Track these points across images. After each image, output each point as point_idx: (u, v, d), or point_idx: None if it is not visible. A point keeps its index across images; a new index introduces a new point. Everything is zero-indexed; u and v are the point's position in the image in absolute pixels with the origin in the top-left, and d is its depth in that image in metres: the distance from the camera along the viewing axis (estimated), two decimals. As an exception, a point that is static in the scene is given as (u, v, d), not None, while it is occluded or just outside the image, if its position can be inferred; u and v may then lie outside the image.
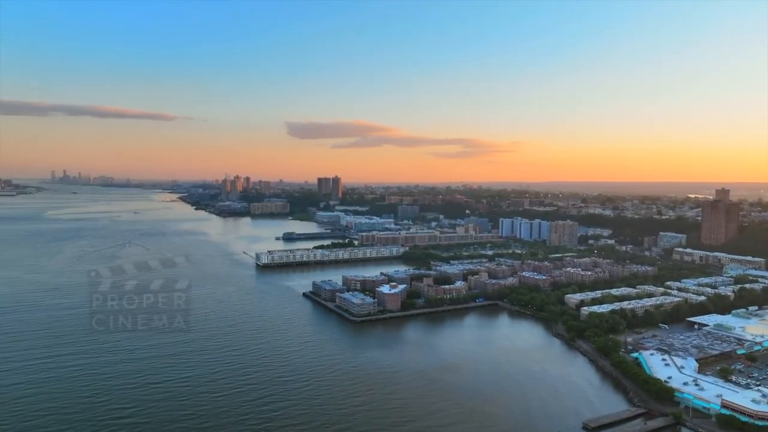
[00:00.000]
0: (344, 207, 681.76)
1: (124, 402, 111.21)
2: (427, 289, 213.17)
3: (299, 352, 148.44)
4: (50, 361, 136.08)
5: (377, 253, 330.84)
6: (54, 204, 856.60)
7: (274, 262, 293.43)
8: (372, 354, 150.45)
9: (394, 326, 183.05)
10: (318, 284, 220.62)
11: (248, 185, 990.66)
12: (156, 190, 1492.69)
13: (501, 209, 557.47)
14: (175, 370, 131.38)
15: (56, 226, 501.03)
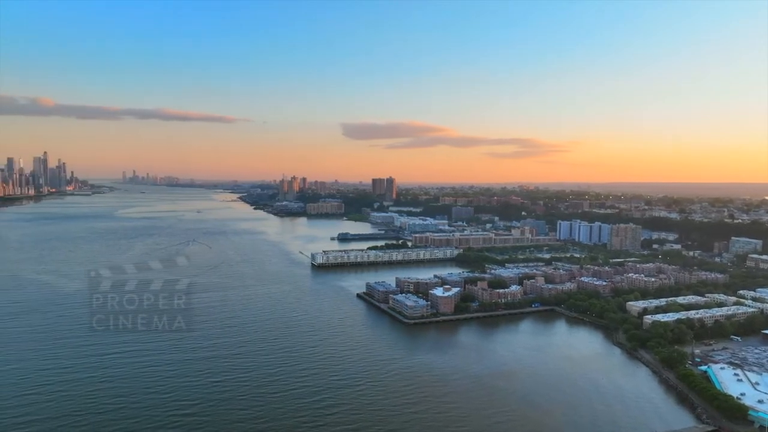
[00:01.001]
0: (398, 208, 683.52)
1: (187, 398, 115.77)
2: (481, 292, 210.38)
3: (353, 354, 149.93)
4: (119, 355, 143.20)
5: (431, 254, 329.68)
6: (124, 203, 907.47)
7: (328, 262, 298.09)
8: (425, 357, 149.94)
9: (447, 330, 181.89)
10: (371, 285, 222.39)
11: (305, 185, 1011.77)
12: (217, 190, 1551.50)
13: (559, 211, 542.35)
14: (235, 368, 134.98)
15: (126, 224, 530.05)
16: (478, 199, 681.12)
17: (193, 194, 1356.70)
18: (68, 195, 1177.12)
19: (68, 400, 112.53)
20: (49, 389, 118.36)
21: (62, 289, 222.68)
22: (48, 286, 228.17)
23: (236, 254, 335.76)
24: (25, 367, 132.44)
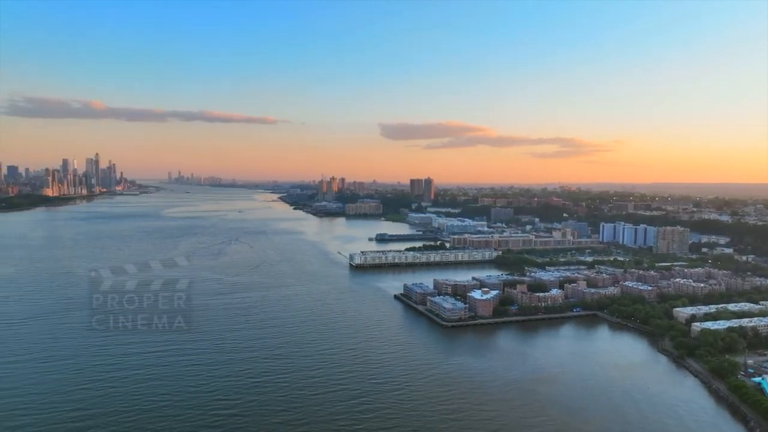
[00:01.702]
0: (436, 208, 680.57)
1: (229, 397, 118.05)
2: (521, 296, 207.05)
3: (391, 356, 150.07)
4: (163, 354, 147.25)
5: (469, 256, 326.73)
6: (170, 203, 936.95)
7: (366, 262, 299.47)
8: (463, 361, 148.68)
9: (485, 333, 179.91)
10: (409, 287, 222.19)
11: (343, 186, 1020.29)
12: (258, 190, 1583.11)
13: (602, 213, 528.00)
14: (275, 369, 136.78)
15: (172, 223, 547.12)
16: (518, 200, 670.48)
17: (235, 194, 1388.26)
18: (118, 195, 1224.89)
19: (117, 396, 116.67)
20: (100, 384, 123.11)
21: (111, 286, 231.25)
22: (98, 283, 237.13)
23: (276, 254, 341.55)
24: (80, 361, 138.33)
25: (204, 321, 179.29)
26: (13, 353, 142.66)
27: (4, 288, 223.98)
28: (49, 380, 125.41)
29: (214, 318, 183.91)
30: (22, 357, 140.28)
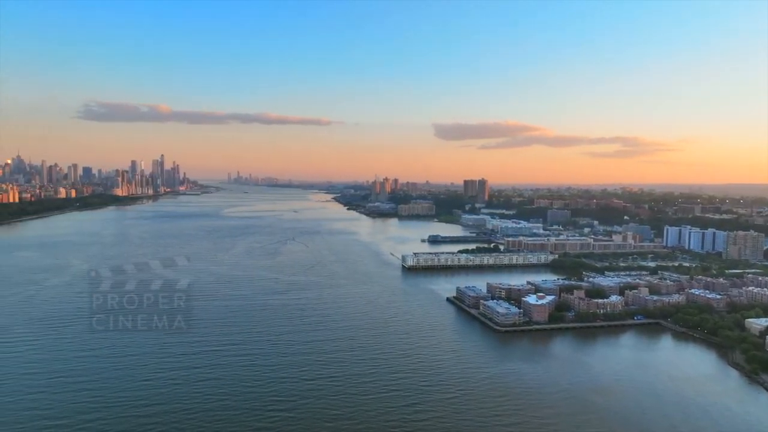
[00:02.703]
0: (490, 210, 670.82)
1: (285, 397, 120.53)
2: (578, 302, 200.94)
3: (443, 360, 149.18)
4: (220, 351, 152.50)
5: (524, 259, 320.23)
6: (229, 202, 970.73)
7: (419, 264, 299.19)
8: (517, 367, 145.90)
9: (540, 339, 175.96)
10: (462, 290, 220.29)
11: (396, 186, 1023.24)
12: (313, 191, 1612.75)
13: (666, 215, 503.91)
14: (329, 369, 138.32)
15: (230, 223, 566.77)
16: (576, 202, 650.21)
17: (291, 194, 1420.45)
18: (181, 194, 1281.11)
19: (179, 394, 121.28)
20: (163, 381, 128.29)
21: (174, 283, 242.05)
22: (162, 280, 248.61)
23: (330, 254, 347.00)
24: (143, 357, 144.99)
25: (261, 320, 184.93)
26: (85, 347, 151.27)
27: (80, 284, 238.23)
28: (116, 376, 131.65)
29: (270, 317, 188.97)
30: (93, 352, 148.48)
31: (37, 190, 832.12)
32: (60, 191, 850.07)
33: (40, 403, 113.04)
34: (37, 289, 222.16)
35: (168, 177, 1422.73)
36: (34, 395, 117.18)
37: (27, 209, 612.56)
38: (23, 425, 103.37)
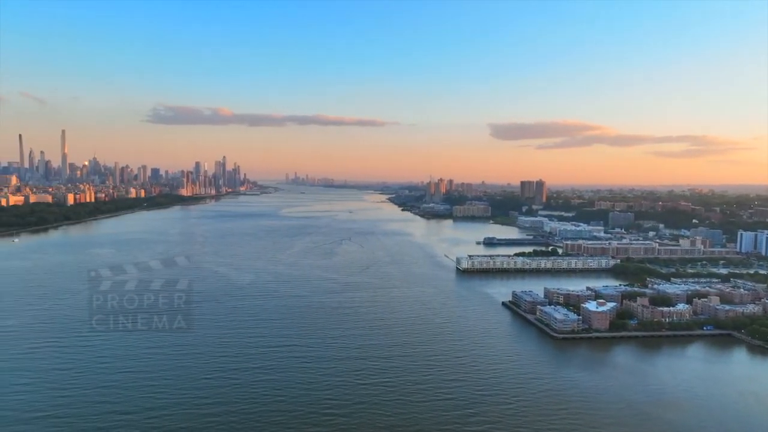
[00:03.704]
0: (548, 212, 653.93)
1: (339, 398, 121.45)
2: (641, 309, 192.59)
3: (498, 365, 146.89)
4: (278, 348, 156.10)
5: (583, 264, 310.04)
6: (286, 202, 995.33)
7: (474, 267, 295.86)
8: (575, 376, 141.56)
9: (600, 347, 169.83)
10: (518, 294, 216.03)
11: (451, 187, 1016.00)
12: (368, 191, 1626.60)
13: (740, 219, 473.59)
14: (383, 372, 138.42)
15: (288, 222, 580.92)
16: (640, 204, 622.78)
17: (346, 195, 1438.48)
18: (241, 195, 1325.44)
19: (237, 387, 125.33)
20: (223, 375, 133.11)
21: (236, 281, 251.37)
22: (224, 278, 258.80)
23: (385, 255, 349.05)
24: (204, 351, 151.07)
25: (316, 320, 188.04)
26: (151, 344, 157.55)
27: (148, 280, 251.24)
28: (179, 367, 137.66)
29: (325, 318, 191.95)
30: (159, 345, 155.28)
31: (111, 191, 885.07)
32: (131, 191, 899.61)
33: (111, 397, 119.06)
34: (109, 285, 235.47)
35: (229, 177, 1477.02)
36: (106, 389, 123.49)
37: (101, 208, 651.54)
38: (96, 417, 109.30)
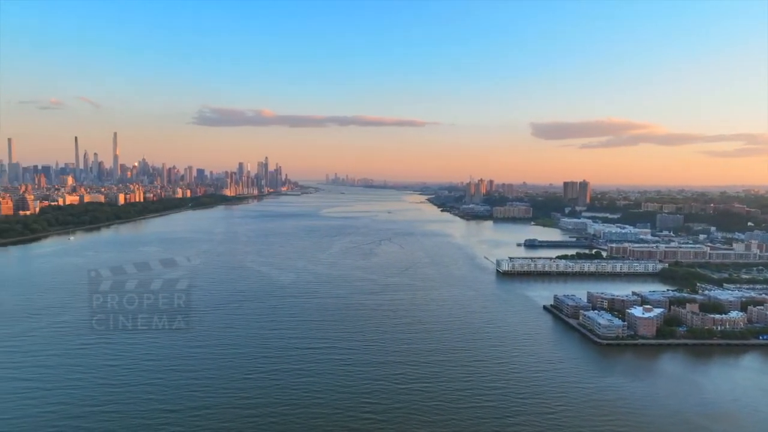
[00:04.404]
0: (592, 213, 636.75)
1: (378, 401, 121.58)
2: (691, 316, 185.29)
3: (540, 371, 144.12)
4: (318, 347, 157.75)
5: (629, 268, 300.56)
6: (326, 203, 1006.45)
7: (514, 269, 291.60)
8: (620, 383, 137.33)
9: (646, 355, 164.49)
10: (560, 298, 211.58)
11: (491, 188, 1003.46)
12: (407, 191, 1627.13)
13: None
14: (423, 377, 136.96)
15: (328, 223, 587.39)
16: (690, 206, 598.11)
17: (386, 195, 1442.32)
18: (282, 195, 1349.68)
19: (278, 388, 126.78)
20: (264, 376, 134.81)
21: (277, 281, 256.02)
22: (266, 278, 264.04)
23: (424, 256, 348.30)
24: (248, 351, 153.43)
25: (355, 320, 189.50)
26: (198, 339, 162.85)
27: (194, 278, 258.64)
28: (224, 367, 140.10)
29: (364, 318, 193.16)
30: (204, 343, 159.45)
31: (159, 191, 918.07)
32: (177, 191, 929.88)
33: (157, 394, 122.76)
34: (160, 284, 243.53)
35: (271, 178, 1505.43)
36: (152, 386, 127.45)
37: (150, 208, 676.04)
38: (143, 413, 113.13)
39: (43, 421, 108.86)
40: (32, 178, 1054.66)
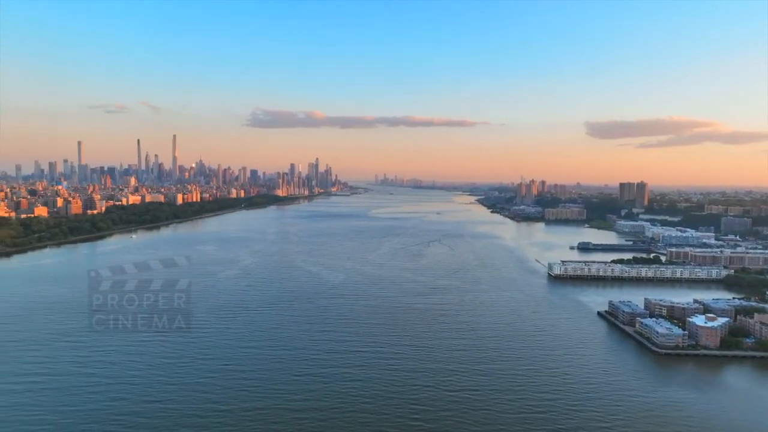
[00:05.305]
0: (650, 216, 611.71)
1: (426, 406, 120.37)
2: (760, 327, 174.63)
3: (595, 381, 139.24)
4: (366, 350, 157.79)
5: (690, 273, 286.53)
6: (375, 203, 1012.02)
7: (566, 273, 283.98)
8: (680, 396, 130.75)
9: (708, 366, 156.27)
10: (615, 304, 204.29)
11: (543, 189, 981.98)
12: (456, 192, 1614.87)
13: None
14: (471, 382, 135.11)
15: (377, 223, 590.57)
16: (758, 208, 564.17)
17: (434, 196, 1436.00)
18: (332, 195, 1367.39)
19: (327, 392, 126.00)
20: (314, 378, 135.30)
21: (326, 281, 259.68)
22: (316, 278, 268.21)
23: (473, 258, 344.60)
24: (300, 352, 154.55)
25: (404, 323, 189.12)
26: (248, 338, 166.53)
27: (247, 277, 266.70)
28: (275, 368, 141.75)
29: (413, 321, 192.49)
30: (255, 343, 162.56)
31: (214, 191, 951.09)
32: (232, 191, 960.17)
33: (211, 391, 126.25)
34: (213, 281, 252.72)
35: (321, 178, 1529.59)
36: (206, 383, 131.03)
37: (206, 207, 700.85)
38: (197, 409, 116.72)
39: (106, 414, 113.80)
40: (99, 179, 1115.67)
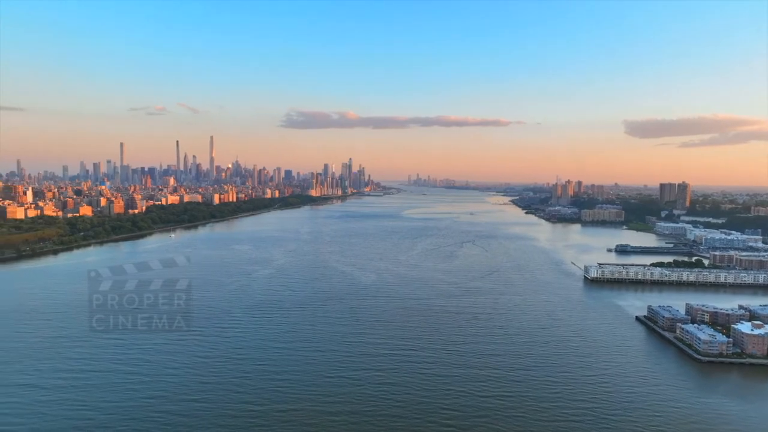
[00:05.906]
0: (692, 218, 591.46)
1: (457, 409, 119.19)
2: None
3: (633, 388, 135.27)
4: (397, 352, 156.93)
5: (735, 278, 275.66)
6: (408, 204, 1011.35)
7: (603, 276, 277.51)
8: (724, 406, 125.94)
9: (755, 376, 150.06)
10: (654, 309, 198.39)
11: (580, 189, 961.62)
12: (490, 193, 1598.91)
13: None
14: (506, 388, 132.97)
15: (409, 224, 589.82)
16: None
17: (468, 196, 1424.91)
18: (365, 195, 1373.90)
19: (355, 395, 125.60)
20: (343, 376, 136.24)
21: (359, 281, 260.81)
22: (348, 278, 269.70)
23: (507, 260, 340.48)
24: (331, 354, 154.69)
25: (436, 325, 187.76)
26: (282, 338, 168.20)
27: (281, 276, 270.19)
28: (308, 369, 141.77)
29: (445, 323, 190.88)
30: (288, 342, 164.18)
31: (250, 191, 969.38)
32: (267, 192, 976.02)
33: (245, 389, 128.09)
34: (248, 280, 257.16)
35: (355, 179, 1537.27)
36: (240, 381, 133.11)
37: (242, 207, 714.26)
38: (232, 406, 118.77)
39: (143, 410, 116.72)
40: (140, 179, 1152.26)
